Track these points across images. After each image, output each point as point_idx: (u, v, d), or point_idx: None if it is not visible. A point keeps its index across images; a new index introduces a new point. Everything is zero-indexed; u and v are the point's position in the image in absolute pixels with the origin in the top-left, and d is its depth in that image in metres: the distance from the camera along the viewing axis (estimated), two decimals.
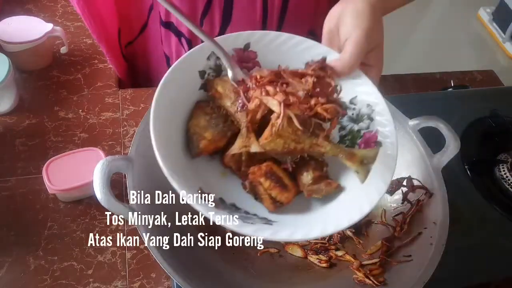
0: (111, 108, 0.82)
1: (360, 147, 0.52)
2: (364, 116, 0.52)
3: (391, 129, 0.49)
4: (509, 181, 0.78)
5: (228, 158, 0.53)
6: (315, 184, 0.51)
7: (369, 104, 0.52)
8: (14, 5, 0.97)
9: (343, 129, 0.54)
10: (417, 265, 0.55)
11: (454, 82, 0.99)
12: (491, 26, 2.78)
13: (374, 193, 0.46)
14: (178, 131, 0.53)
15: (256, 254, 0.60)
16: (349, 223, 0.45)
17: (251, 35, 0.54)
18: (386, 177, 0.47)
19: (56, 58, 0.88)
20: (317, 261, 0.60)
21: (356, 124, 0.53)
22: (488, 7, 2.83)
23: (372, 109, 0.51)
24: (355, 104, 0.53)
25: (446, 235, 0.56)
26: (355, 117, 0.53)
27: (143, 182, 0.54)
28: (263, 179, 0.50)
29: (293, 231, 0.44)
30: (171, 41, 0.83)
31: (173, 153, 0.49)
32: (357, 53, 0.49)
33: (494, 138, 0.85)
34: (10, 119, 0.78)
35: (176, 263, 0.49)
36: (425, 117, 0.64)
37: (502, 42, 2.68)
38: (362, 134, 0.52)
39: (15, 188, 0.69)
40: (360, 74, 0.52)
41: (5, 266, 0.62)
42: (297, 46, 0.54)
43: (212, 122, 0.53)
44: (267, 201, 0.50)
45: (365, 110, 0.52)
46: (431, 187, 0.61)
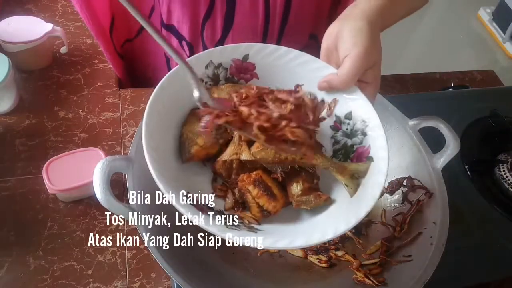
0: (111, 108, 0.82)
1: (353, 162, 0.52)
2: (358, 131, 0.53)
3: (383, 144, 0.50)
4: (509, 181, 0.78)
5: (219, 164, 0.53)
6: (304, 195, 0.51)
7: (363, 120, 0.52)
8: (14, 5, 0.97)
9: (337, 143, 0.55)
10: (417, 265, 0.55)
11: (454, 82, 0.99)
12: (491, 26, 2.78)
13: (362, 207, 0.46)
14: (171, 136, 0.53)
15: (256, 254, 0.60)
16: (335, 234, 0.45)
17: (250, 47, 0.55)
18: (374, 192, 0.47)
19: (56, 58, 0.88)
20: (317, 261, 0.60)
21: (349, 139, 0.54)
22: (488, 7, 2.84)
23: (366, 125, 0.52)
24: (350, 119, 0.54)
25: (446, 235, 0.56)
26: (349, 132, 0.54)
27: (143, 182, 0.54)
28: (251, 187, 0.50)
29: (277, 239, 0.44)
30: (172, 43, 0.83)
31: (164, 156, 0.50)
32: (355, 70, 0.50)
33: (494, 138, 0.85)
34: (10, 119, 0.78)
35: (176, 263, 0.49)
36: (425, 117, 0.64)
37: (502, 42, 2.68)
38: (355, 149, 0.53)
39: (15, 188, 0.69)
40: (356, 90, 0.52)
41: (5, 266, 0.62)
42: (295, 60, 0.55)
43: None
44: (254, 209, 0.51)
45: (359, 125, 0.53)
46: (431, 187, 0.61)
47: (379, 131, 0.51)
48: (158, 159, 0.46)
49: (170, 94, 0.51)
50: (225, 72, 0.55)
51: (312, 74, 0.54)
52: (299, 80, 0.55)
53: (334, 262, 0.60)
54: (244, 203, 0.52)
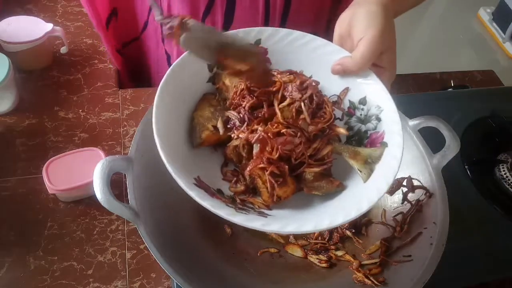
0: (111, 108, 0.82)
1: (366, 147, 0.52)
2: (373, 116, 0.52)
3: (398, 129, 0.49)
4: (509, 181, 0.78)
5: (230, 149, 0.53)
6: (316, 181, 0.51)
7: (378, 105, 0.52)
8: (14, 5, 0.97)
9: (350, 129, 0.55)
10: (417, 265, 0.55)
11: (454, 82, 0.98)
12: (491, 26, 2.78)
13: (375, 192, 0.46)
14: (181, 122, 0.53)
15: (256, 254, 0.60)
16: (344, 219, 0.44)
17: (262, 32, 0.54)
18: (388, 177, 0.46)
19: (56, 58, 0.88)
20: (317, 261, 0.60)
21: (363, 125, 0.53)
22: (488, 7, 2.84)
23: (381, 110, 0.52)
24: (364, 104, 0.53)
25: (446, 235, 0.56)
26: (363, 118, 0.53)
27: (143, 182, 0.54)
28: (261, 172, 0.49)
29: (285, 224, 0.44)
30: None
31: (174, 142, 0.50)
32: (370, 52, 0.49)
33: (494, 138, 0.85)
34: (10, 119, 0.78)
35: (176, 263, 0.49)
36: (425, 117, 0.63)
37: (502, 42, 2.68)
38: (369, 134, 0.52)
39: (15, 188, 0.69)
40: (371, 74, 0.52)
41: (5, 266, 0.62)
42: (308, 45, 0.54)
43: (216, 114, 0.53)
44: (265, 194, 0.50)
45: (374, 111, 0.52)
46: (431, 187, 0.61)
47: (395, 116, 0.50)
48: (168, 144, 0.46)
49: (180, 79, 0.51)
50: None
51: (325, 58, 0.54)
52: (312, 64, 0.54)
53: (334, 262, 0.60)
54: (255, 188, 0.51)
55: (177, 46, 0.84)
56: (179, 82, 0.51)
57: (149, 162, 0.56)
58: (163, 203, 0.57)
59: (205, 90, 0.56)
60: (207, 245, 0.58)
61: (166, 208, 0.57)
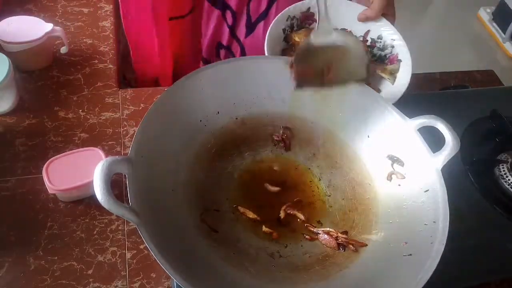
0: (111, 108, 0.82)
1: (387, 65, 0.81)
2: (388, 45, 0.81)
3: (406, 50, 0.80)
4: (509, 181, 0.78)
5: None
6: None
7: (391, 38, 0.81)
8: (14, 5, 0.97)
9: (374, 56, 0.83)
10: (417, 265, 0.54)
11: (454, 82, 0.99)
12: (491, 26, 2.78)
13: (399, 90, 0.77)
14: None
15: (256, 254, 0.60)
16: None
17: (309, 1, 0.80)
18: (405, 78, 0.78)
19: (56, 58, 0.89)
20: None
21: (382, 52, 0.82)
22: (488, 7, 2.84)
23: (393, 39, 0.81)
24: (381, 38, 0.82)
25: (446, 235, 0.56)
26: (382, 47, 0.82)
27: (143, 182, 0.54)
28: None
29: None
30: (211, 16, 0.93)
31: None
32: (382, 5, 0.77)
33: (494, 138, 0.85)
34: (10, 119, 0.78)
35: (176, 263, 0.49)
36: (425, 117, 0.63)
37: (502, 42, 2.68)
38: (388, 57, 0.82)
39: (15, 188, 0.69)
40: (383, 19, 0.80)
41: (5, 266, 0.62)
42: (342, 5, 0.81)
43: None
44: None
45: (389, 42, 0.81)
46: (431, 187, 0.61)
47: (402, 42, 0.80)
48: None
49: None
50: (297, 21, 0.81)
51: (354, 14, 0.81)
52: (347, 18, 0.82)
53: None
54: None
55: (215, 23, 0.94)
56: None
57: (149, 162, 0.56)
58: (163, 203, 0.57)
59: (282, 47, 0.80)
60: (207, 245, 0.58)
61: (166, 208, 0.57)
